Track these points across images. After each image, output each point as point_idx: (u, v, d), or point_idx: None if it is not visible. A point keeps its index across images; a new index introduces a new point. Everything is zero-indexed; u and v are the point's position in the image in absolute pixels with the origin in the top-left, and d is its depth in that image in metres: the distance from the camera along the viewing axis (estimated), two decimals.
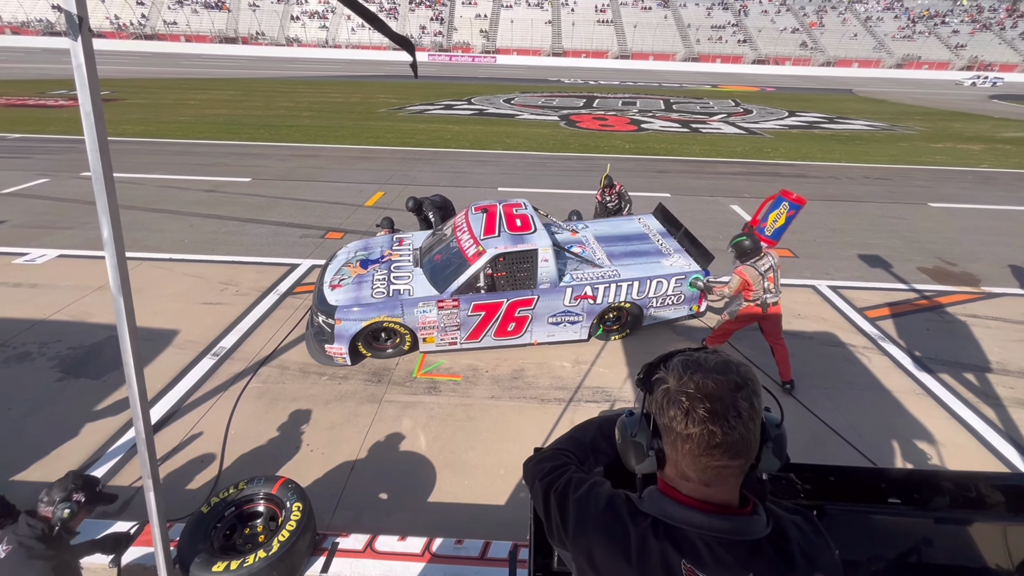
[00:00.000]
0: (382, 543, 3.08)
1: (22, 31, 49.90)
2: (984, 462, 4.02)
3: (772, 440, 0.96)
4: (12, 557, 2.17)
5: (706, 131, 18.82)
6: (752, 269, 4.48)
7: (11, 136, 13.90)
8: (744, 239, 4.55)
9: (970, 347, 5.54)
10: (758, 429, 0.92)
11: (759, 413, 0.92)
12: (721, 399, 0.88)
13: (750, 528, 0.92)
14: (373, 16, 1.91)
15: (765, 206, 5.26)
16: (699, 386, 0.89)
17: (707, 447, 0.88)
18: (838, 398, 4.64)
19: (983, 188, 12.18)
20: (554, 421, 4.32)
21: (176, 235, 7.78)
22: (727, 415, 0.87)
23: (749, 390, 0.90)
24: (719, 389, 0.88)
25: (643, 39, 56.29)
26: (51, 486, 2.29)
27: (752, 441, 0.90)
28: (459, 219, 5.52)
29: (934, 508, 1.44)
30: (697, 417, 0.87)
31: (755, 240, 4.55)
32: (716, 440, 0.87)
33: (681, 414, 0.89)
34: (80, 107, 1.48)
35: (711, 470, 0.90)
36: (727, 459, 0.89)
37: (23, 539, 2.20)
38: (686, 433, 0.89)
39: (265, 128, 16.13)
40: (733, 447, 0.88)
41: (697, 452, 0.89)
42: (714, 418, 0.87)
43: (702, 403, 0.88)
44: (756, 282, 4.48)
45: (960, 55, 54.94)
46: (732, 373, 0.91)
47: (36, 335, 5.18)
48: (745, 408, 0.88)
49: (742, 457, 0.90)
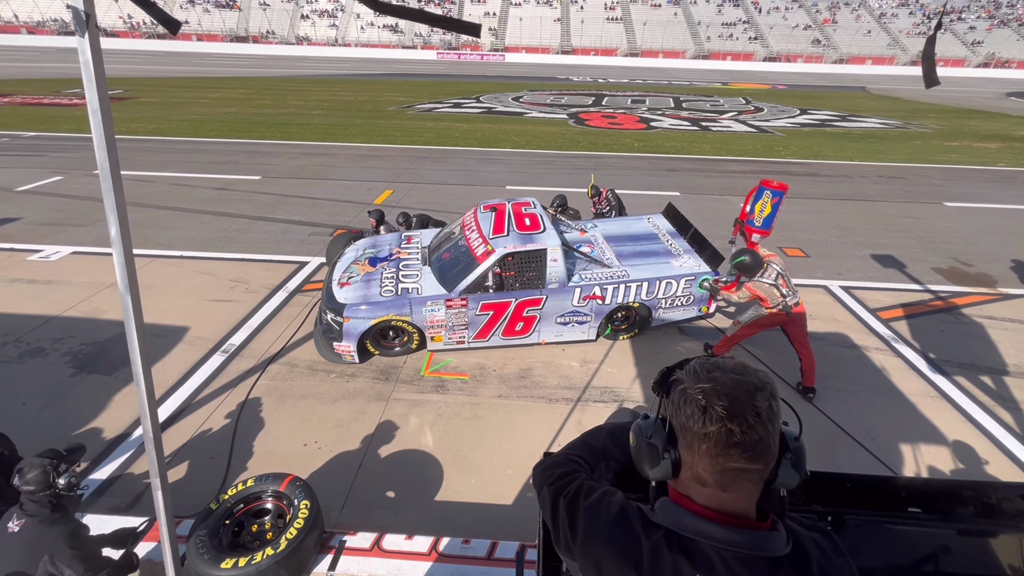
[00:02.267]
0: (389, 542, 3.08)
1: (38, 31, 50.59)
2: (1001, 467, 3.94)
3: (791, 452, 0.93)
4: (28, 529, 2.26)
5: (716, 129, 18.64)
6: (761, 283, 4.38)
7: (26, 134, 14.10)
8: (744, 258, 4.42)
9: (986, 349, 5.43)
10: (777, 433, 0.89)
11: (778, 417, 0.89)
12: (739, 398, 0.85)
13: (769, 544, 0.89)
14: (434, 16, 1.88)
15: (749, 199, 5.20)
16: (717, 384, 0.87)
17: (725, 446, 0.85)
18: (851, 400, 4.57)
19: (1000, 187, 11.95)
20: (562, 421, 4.30)
21: (187, 232, 7.84)
22: (746, 414, 0.84)
23: (767, 392, 0.88)
24: (737, 388, 0.86)
25: (653, 37, 55.86)
26: (21, 470, 2.32)
27: (771, 444, 0.87)
28: (468, 218, 5.50)
29: (955, 518, 1.40)
30: (715, 415, 0.85)
31: (755, 256, 4.41)
32: (735, 439, 0.84)
33: (699, 412, 0.87)
34: (87, 104, 1.47)
35: (729, 472, 0.87)
36: (745, 461, 0.86)
37: (33, 511, 2.29)
38: (704, 432, 0.86)
39: (275, 126, 16.22)
40: (752, 447, 0.85)
41: (715, 452, 0.86)
42: (732, 416, 0.84)
43: (720, 400, 0.86)
44: (770, 295, 4.35)
45: (977, 52, 53.96)
46: (750, 375, 0.89)
47: (49, 331, 5.25)
48: (764, 408, 0.86)
49: (761, 461, 0.87)
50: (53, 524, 2.29)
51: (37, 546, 2.24)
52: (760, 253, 4.49)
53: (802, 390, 4.58)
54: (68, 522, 2.35)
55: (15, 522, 2.28)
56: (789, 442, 0.93)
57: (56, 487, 2.32)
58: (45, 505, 2.30)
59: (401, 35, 56.02)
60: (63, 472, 2.35)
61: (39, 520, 2.28)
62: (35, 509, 2.29)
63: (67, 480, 2.35)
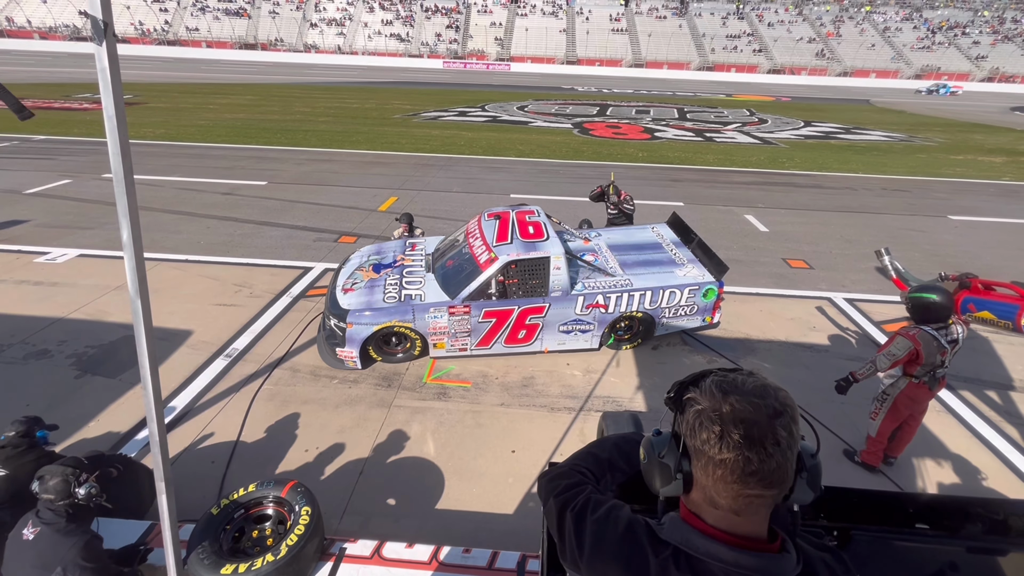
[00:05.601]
0: (389, 550, 3.06)
1: (49, 36, 51.32)
2: (1007, 483, 3.90)
3: (807, 470, 0.91)
4: (43, 538, 2.23)
5: (720, 140, 18.70)
6: (929, 335, 3.44)
7: (36, 137, 14.26)
8: (933, 296, 3.45)
9: (992, 364, 5.39)
10: (795, 458, 0.86)
11: (797, 441, 0.86)
12: (758, 424, 0.82)
13: (780, 567, 0.87)
14: None
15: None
16: (735, 409, 0.84)
17: (742, 474, 0.83)
18: (855, 414, 4.53)
19: (1005, 201, 11.93)
20: (564, 430, 4.28)
21: (192, 236, 7.89)
22: (764, 442, 0.81)
23: (788, 417, 0.84)
24: (756, 414, 0.83)
25: (657, 48, 56.27)
26: (42, 477, 2.32)
27: (788, 470, 0.85)
28: (472, 225, 5.52)
29: (964, 535, 1.38)
30: (731, 442, 0.82)
31: (948, 299, 3.46)
32: (752, 468, 0.82)
33: (715, 438, 0.84)
34: (103, 110, 1.49)
35: (743, 499, 0.85)
36: (761, 488, 0.83)
37: (50, 520, 2.27)
38: (720, 458, 0.84)
39: (282, 132, 16.36)
40: (769, 476, 0.82)
41: (731, 479, 0.84)
42: (751, 444, 0.81)
43: (737, 428, 0.83)
44: (930, 354, 3.41)
45: (981, 66, 54.12)
46: (770, 398, 0.85)
47: (55, 333, 5.27)
48: (784, 436, 0.82)
49: (777, 487, 0.85)
50: (68, 535, 2.26)
51: (52, 556, 2.21)
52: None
53: (888, 460, 3.99)
54: (84, 533, 2.32)
55: (30, 529, 2.25)
56: (806, 460, 0.91)
57: (75, 496, 2.29)
58: (62, 514, 2.27)
59: (408, 44, 56.57)
60: (84, 482, 2.33)
61: (55, 529, 2.25)
62: (51, 518, 2.26)
63: (87, 490, 2.32)
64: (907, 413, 3.72)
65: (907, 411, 3.70)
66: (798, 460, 0.88)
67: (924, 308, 3.51)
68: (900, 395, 3.63)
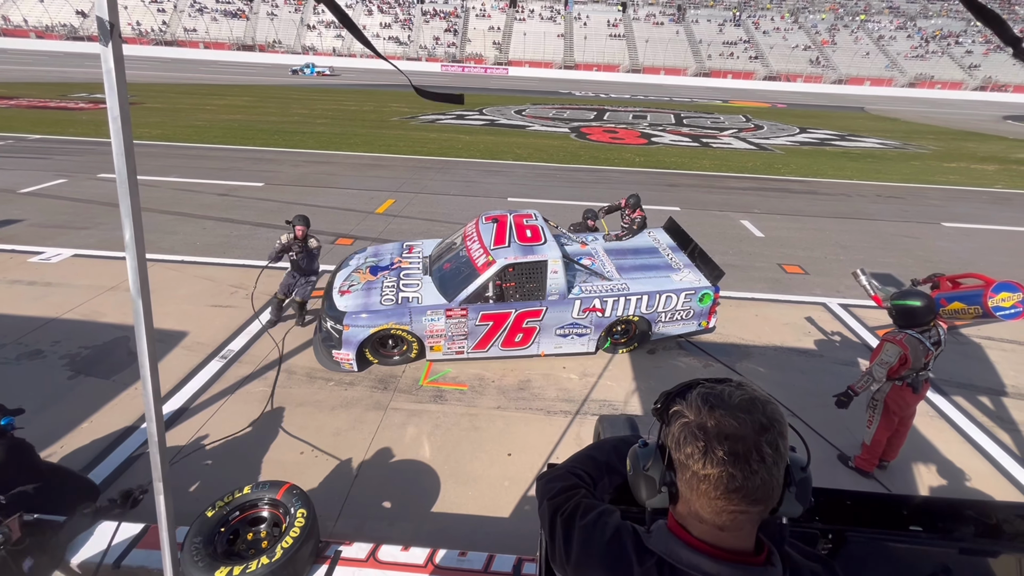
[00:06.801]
0: (385, 553, 3.05)
1: (46, 35, 51.13)
2: (999, 488, 3.93)
3: (796, 484, 0.88)
4: None
5: (717, 146, 18.83)
6: (915, 339, 3.54)
7: (32, 137, 14.17)
8: (915, 302, 3.57)
9: (985, 370, 5.44)
10: (782, 474, 0.84)
11: (784, 457, 0.84)
12: (744, 440, 0.80)
13: None
14: (433, 94, 1.91)
15: (992, 285, 5.34)
16: (720, 424, 0.82)
17: (725, 491, 0.81)
18: (848, 418, 4.55)
19: (997, 208, 12.06)
20: (560, 433, 4.28)
21: (189, 237, 7.87)
22: (749, 458, 0.79)
23: (775, 432, 0.82)
24: (742, 429, 0.81)
25: (655, 54, 56.65)
26: None
27: (775, 487, 0.83)
28: (469, 228, 5.53)
29: (957, 538, 1.40)
30: (715, 458, 0.80)
31: (930, 302, 3.58)
32: (736, 484, 0.80)
33: (699, 453, 0.82)
34: (108, 111, 1.50)
35: (727, 514, 0.83)
36: (746, 504, 0.82)
37: None
38: (703, 473, 0.82)
39: (279, 134, 16.34)
40: (754, 493, 0.81)
41: (714, 495, 0.82)
42: (735, 460, 0.79)
43: (722, 444, 0.80)
44: (917, 357, 3.55)
45: (974, 75, 54.75)
46: (758, 412, 0.82)
47: (48, 333, 5.24)
48: (769, 453, 0.80)
49: (762, 503, 0.83)
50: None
51: None
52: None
53: (881, 465, 4.05)
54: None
55: None
56: (795, 473, 0.89)
57: None
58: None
59: (406, 47, 56.70)
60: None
61: None
62: None
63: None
64: (898, 416, 3.79)
65: (898, 414, 3.78)
66: (787, 473, 0.86)
67: (909, 314, 3.62)
68: (887, 398, 3.76)
